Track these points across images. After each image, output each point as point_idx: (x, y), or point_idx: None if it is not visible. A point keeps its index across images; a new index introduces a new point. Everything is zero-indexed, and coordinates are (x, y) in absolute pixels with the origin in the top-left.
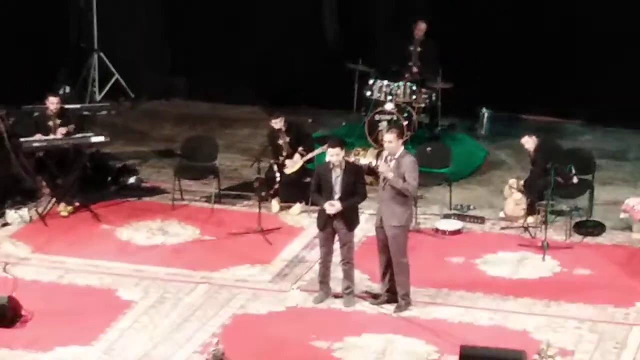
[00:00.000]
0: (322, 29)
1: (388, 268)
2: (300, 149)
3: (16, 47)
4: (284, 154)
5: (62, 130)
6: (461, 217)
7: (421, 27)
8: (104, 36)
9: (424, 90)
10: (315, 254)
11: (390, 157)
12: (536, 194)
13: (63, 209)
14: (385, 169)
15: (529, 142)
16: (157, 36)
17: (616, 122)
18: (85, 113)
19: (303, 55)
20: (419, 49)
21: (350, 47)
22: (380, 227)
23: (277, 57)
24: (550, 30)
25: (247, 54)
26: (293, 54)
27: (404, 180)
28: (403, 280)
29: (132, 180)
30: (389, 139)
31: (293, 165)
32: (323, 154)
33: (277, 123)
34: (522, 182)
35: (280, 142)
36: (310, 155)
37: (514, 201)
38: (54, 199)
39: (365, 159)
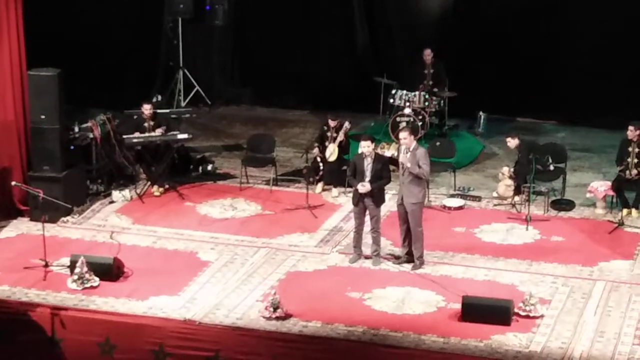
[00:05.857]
0: (357, 54)
1: (407, 235)
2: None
3: (120, 65)
4: (327, 144)
5: (160, 130)
6: (463, 196)
7: (427, 53)
8: (187, 57)
9: (434, 98)
10: (350, 224)
11: (407, 150)
12: (522, 179)
13: (156, 190)
14: (405, 159)
15: (511, 142)
16: (229, 56)
17: (583, 122)
18: (173, 116)
19: (343, 72)
20: (431, 70)
21: (378, 65)
22: (400, 204)
23: (323, 73)
24: (532, 52)
25: (300, 70)
26: (335, 71)
27: (419, 167)
28: (419, 245)
29: (209, 167)
30: (404, 136)
31: (330, 153)
32: (357, 146)
33: (332, 122)
34: (512, 170)
35: (328, 134)
36: (338, 140)
37: (505, 184)
38: (149, 182)
39: (389, 151)
